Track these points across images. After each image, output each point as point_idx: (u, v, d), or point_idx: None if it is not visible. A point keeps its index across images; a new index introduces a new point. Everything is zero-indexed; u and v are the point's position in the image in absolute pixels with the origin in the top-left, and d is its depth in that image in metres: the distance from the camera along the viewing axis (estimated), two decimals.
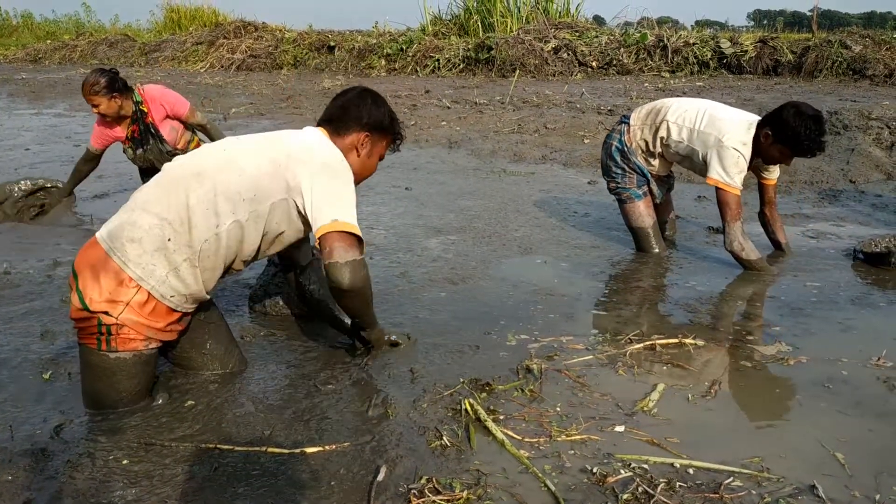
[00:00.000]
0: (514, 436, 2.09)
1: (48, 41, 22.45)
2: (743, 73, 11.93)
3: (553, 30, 13.78)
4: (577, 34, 13.70)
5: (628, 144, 3.80)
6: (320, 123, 2.42)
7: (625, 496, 1.82)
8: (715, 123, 3.47)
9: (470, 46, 13.68)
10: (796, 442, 2.09)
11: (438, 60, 13.84)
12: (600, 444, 2.06)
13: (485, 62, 13.27)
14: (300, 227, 2.31)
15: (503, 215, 4.70)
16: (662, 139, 3.67)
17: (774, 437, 2.12)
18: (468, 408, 2.21)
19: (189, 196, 2.13)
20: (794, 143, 3.29)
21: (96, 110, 4.14)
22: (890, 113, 6.08)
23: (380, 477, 1.89)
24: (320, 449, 2.03)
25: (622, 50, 12.88)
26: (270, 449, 2.03)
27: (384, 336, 2.60)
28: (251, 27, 17.48)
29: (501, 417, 2.20)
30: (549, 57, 12.88)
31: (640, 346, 2.71)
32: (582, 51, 13.00)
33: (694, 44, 12.54)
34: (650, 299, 3.30)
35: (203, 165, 2.20)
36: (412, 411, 2.23)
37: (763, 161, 3.54)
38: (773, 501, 1.80)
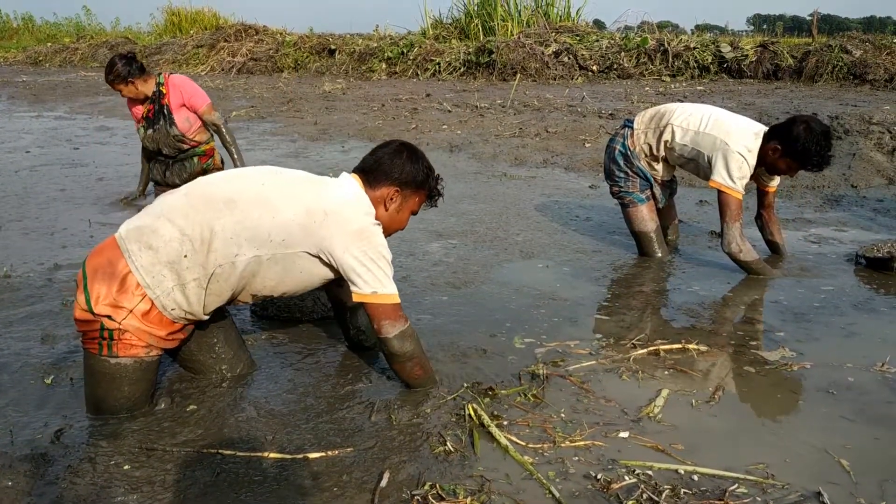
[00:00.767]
0: (518, 441, 2.08)
1: (49, 44, 22.50)
2: (743, 77, 11.97)
3: (554, 33, 13.82)
4: (578, 38, 13.74)
5: (632, 148, 3.80)
6: (356, 171, 2.38)
7: (629, 503, 1.81)
8: (721, 127, 3.47)
9: (471, 50, 13.69)
10: (801, 448, 2.08)
11: (439, 64, 13.86)
12: (604, 450, 2.05)
13: (485, 66, 13.27)
14: (328, 275, 2.27)
15: (504, 219, 4.69)
16: (667, 143, 3.67)
17: (779, 444, 2.11)
18: (472, 413, 2.20)
19: (215, 221, 2.11)
20: (804, 158, 3.31)
21: (121, 94, 4.41)
22: (891, 118, 6.08)
23: (383, 482, 1.89)
24: (323, 454, 2.02)
25: (623, 54, 12.90)
26: (273, 454, 2.02)
27: None
28: (252, 30, 17.49)
29: (505, 423, 2.19)
30: (550, 61, 12.90)
31: (644, 351, 2.70)
32: (582, 55, 13.02)
33: (694, 48, 12.57)
34: (653, 304, 3.30)
35: (237, 194, 2.16)
36: (415, 416, 2.22)
37: (768, 171, 3.55)
38: None
